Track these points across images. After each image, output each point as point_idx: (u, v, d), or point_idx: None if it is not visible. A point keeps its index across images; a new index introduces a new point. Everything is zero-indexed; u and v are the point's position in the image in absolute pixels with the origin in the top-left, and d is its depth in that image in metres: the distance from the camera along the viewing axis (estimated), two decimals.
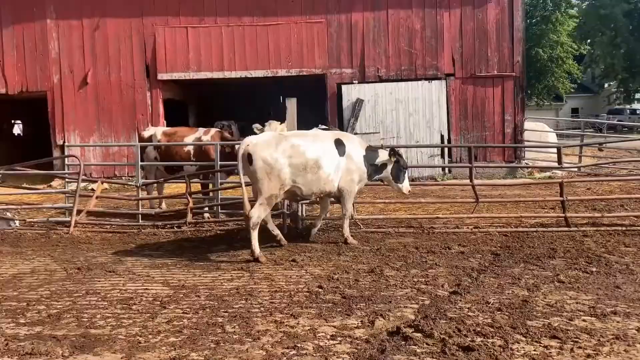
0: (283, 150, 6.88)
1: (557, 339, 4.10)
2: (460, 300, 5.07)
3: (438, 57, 15.78)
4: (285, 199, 7.83)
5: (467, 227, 8.39)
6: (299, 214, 8.53)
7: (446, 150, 15.61)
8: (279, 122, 10.14)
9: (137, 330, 4.48)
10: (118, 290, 5.64)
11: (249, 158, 6.83)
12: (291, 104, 8.60)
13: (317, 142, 7.23)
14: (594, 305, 4.81)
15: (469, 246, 7.22)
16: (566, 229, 7.95)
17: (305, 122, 13.63)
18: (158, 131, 10.69)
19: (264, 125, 10.24)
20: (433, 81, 15.79)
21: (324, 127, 11.58)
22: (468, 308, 4.86)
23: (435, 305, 4.94)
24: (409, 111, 15.81)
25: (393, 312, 4.84)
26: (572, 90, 42.98)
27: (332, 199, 7.96)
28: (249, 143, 6.94)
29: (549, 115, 42.36)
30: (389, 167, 7.83)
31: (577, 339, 4.08)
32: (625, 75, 36.00)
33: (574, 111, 48.29)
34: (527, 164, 15.63)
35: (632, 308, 4.71)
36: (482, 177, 14.84)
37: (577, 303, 4.90)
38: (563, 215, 8.15)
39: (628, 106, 41.67)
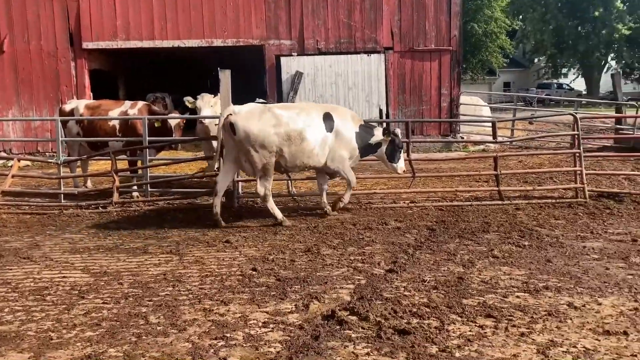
0: (266, 120, 6.84)
1: (492, 317, 4.07)
2: (397, 279, 4.98)
3: (377, 30, 15.60)
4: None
5: (404, 202, 8.36)
6: (235, 192, 8.19)
7: (384, 124, 15.55)
8: (213, 95, 9.69)
9: (50, 325, 4.08)
10: (32, 280, 5.16)
11: (232, 128, 6.79)
12: (224, 76, 8.15)
13: (302, 115, 7.10)
14: (527, 281, 4.84)
15: (405, 221, 7.18)
16: (500, 202, 8.08)
17: (244, 95, 13.25)
18: (80, 104, 9.95)
19: (196, 99, 9.79)
20: (372, 55, 15.62)
21: (261, 100, 11.20)
22: (404, 287, 4.77)
23: (372, 285, 4.83)
24: (349, 85, 15.61)
25: (329, 293, 4.68)
26: (505, 64, 44.25)
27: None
28: (232, 113, 6.87)
29: (483, 89, 43.60)
30: (384, 147, 7.67)
31: (511, 317, 4.07)
32: (554, 51, 37.37)
33: (506, 85, 49.93)
34: (462, 137, 15.89)
35: (562, 282, 4.78)
36: (419, 151, 14.97)
37: (510, 279, 4.92)
38: (497, 188, 8.26)
39: (555, 81, 43.45)
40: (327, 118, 7.26)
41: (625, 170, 10.76)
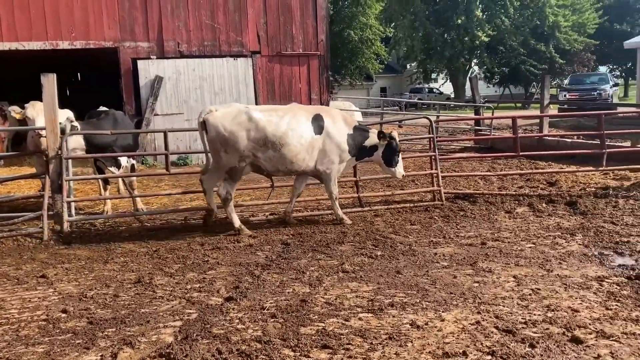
0: (239, 123, 6.49)
1: (329, 348, 3.61)
2: (234, 309, 4.38)
3: (243, 33, 14.98)
4: (257, 172, 7.10)
5: (264, 215, 7.82)
6: (65, 214, 7.11)
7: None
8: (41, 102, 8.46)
9: None
10: None
11: (205, 127, 6.57)
12: (48, 82, 7.04)
13: (286, 118, 6.66)
14: (373, 298, 4.48)
15: (260, 237, 6.62)
16: (359, 209, 7.82)
17: (99, 103, 11.96)
18: None
19: (24, 107, 8.50)
20: (239, 58, 14.98)
21: (103, 108, 10.09)
22: (239, 318, 4.18)
23: (203, 320, 4.18)
24: (215, 90, 14.83)
25: (148, 335, 3.95)
26: (381, 70, 45.96)
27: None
28: (208, 112, 6.62)
29: (362, 94, 44.91)
30: (380, 150, 7.09)
31: (349, 345, 3.64)
32: (423, 57, 39.24)
33: (383, 90, 51.93)
34: None
35: (409, 297, 4.47)
36: None
37: (357, 297, 4.53)
38: (356, 195, 8.00)
39: (426, 85, 45.83)
40: (317, 120, 6.81)
41: (482, 170, 11.15)
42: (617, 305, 4.17)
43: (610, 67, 49.09)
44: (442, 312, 4.14)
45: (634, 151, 10.56)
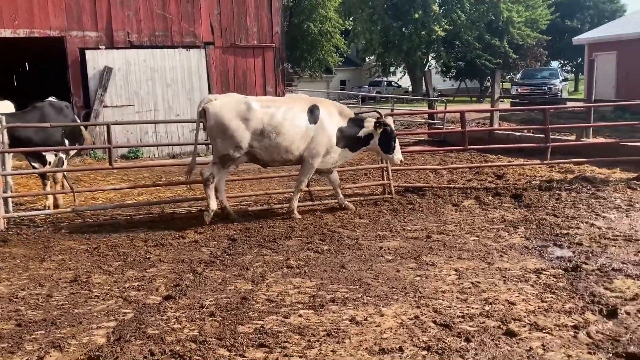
0: (238, 112, 6.61)
1: (265, 347, 3.55)
2: (172, 308, 4.26)
3: (195, 23, 14.66)
4: (253, 162, 7.16)
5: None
6: (1, 210, 6.77)
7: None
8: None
9: None
10: None
11: (205, 115, 6.68)
12: None
13: (282, 109, 6.78)
14: (315, 294, 4.44)
15: (206, 232, 6.48)
16: (310, 203, 7.78)
17: (47, 93, 11.44)
18: None
19: None
20: (192, 49, 14.66)
21: (53, 99, 9.68)
22: (177, 318, 4.07)
23: (138, 320, 4.04)
24: (167, 81, 14.48)
25: (79, 337, 3.80)
26: (340, 63, 45.95)
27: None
28: (208, 101, 6.73)
29: (321, 87, 44.77)
30: (376, 138, 7.12)
31: (286, 343, 3.58)
32: (382, 50, 39.43)
33: (343, 83, 51.99)
34: None
35: (351, 292, 4.46)
36: None
37: (299, 293, 4.48)
38: (307, 189, 7.95)
39: (385, 79, 46.14)
40: (312, 111, 6.90)
41: (434, 163, 11.28)
42: (552, 297, 4.26)
43: (562, 62, 50.64)
44: (382, 307, 4.14)
45: (579, 145, 10.91)
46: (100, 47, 13.85)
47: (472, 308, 4.08)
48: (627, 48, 21.72)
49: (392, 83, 46.08)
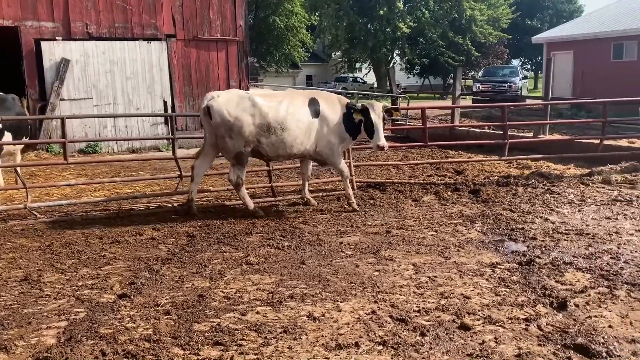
0: (244, 109, 6.55)
1: (221, 345, 3.51)
2: (126, 306, 4.17)
3: (157, 15, 14.34)
4: (256, 158, 7.19)
5: (172, 205, 7.55)
6: None
7: (169, 118, 14.45)
8: None
9: None
10: None
11: (209, 113, 6.59)
12: None
13: (284, 103, 6.73)
14: (274, 290, 4.41)
15: (164, 229, 6.37)
16: (272, 199, 7.74)
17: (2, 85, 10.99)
18: None
19: None
20: (153, 42, 14.35)
21: (11, 95, 9.31)
22: (131, 316, 3.98)
23: (90, 319, 3.94)
24: (127, 74, 14.13)
25: (28, 338, 3.67)
26: (307, 58, 45.88)
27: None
28: (211, 97, 6.66)
29: (288, 82, 44.60)
30: (362, 123, 6.97)
31: (242, 341, 3.55)
32: (347, 46, 39.54)
33: (309, 78, 51.91)
34: None
35: (310, 287, 4.45)
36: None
37: (257, 290, 4.45)
38: (269, 184, 7.91)
39: (351, 74, 46.31)
40: (313, 104, 6.85)
41: (396, 159, 11.39)
42: (506, 291, 4.36)
43: (522, 60, 51.89)
44: (340, 302, 4.15)
45: (536, 141, 11.20)
46: (57, 38, 13.40)
47: (428, 302, 4.13)
48: (583, 48, 22.42)
49: (358, 79, 46.32)
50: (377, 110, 6.91)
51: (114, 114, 13.76)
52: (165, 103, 14.42)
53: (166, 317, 3.96)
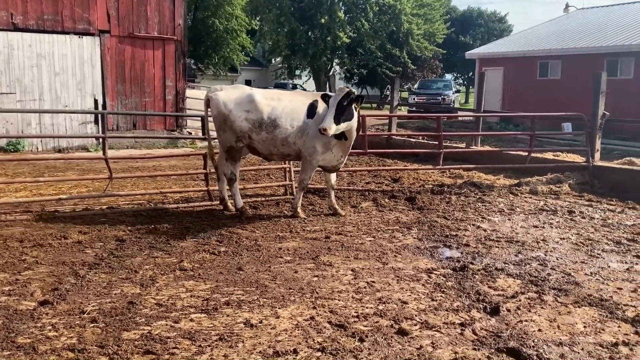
0: (239, 104, 6.62)
1: (152, 354, 3.33)
2: (48, 314, 3.88)
3: (90, 9, 13.70)
4: (254, 154, 7.22)
5: (101, 208, 7.17)
6: None
7: (100, 116, 13.82)
8: None
9: None
10: None
11: (209, 106, 6.79)
12: None
13: (282, 102, 6.67)
14: (209, 297, 4.26)
15: (91, 233, 6.02)
16: (209, 203, 7.53)
17: None
18: None
19: None
20: (84, 37, 13.68)
21: None
22: (53, 324, 3.71)
23: (7, 328, 3.64)
24: (55, 70, 13.39)
25: None
26: (246, 62, 45.45)
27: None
28: (212, 91, 6.82)
29: (226, 86, 43.98)
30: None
31: (175, 350, 3.39)
32: (288, 53, 39.55)
33: (248, 83, 51.43)
34: (189, 133, 15.18)
35: (247, 294, 4.33)
36: (142, 147, 13.77)
37: (191, 296, 4.28)
38: (206, 188, 7.69)
39: (290, 81, 46.36)
40: (312, 105, 6.66)
41: None
42: (441, 296, 4.43)
43: (455, 75, 53.95)
44: (279, 308, 4.06)
45: (468, 152, 11.59)
46: None
47: (367, 307, 4.12)
48: (513, 65, 23.56)
49: (297, 86, 46.39)
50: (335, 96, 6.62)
51: (39, 109, 12.99)
52: (96, 101, 13.77)
53: (92, 325, 3.72)
